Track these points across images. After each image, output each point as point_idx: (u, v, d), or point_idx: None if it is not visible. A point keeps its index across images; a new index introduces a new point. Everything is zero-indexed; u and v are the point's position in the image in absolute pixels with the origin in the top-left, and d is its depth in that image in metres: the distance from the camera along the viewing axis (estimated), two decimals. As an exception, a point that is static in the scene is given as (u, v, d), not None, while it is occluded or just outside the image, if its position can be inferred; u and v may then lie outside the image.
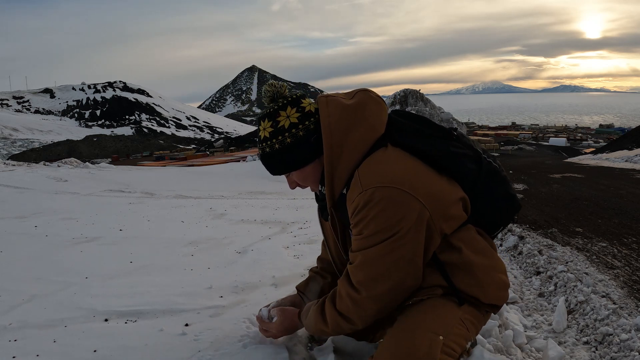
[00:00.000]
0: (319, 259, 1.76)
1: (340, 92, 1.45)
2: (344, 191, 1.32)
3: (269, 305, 1.64)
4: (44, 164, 10.65)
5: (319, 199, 1.53)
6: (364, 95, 1.37)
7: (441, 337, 1.19)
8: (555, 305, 2.45)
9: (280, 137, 1.33)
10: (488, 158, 1.42)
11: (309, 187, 1.46)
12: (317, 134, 1.33)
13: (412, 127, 1.36)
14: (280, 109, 1.35)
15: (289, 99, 1.37)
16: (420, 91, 21.23)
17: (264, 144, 1.37)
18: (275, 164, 1.38)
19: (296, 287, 1.76)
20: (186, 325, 1.77)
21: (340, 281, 1.33)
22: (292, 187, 1.46)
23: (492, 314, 1.43)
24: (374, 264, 1.22)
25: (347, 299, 1.28)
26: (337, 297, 1.33)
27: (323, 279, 1.69)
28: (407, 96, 20.73)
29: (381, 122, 1.34)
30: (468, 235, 1.31)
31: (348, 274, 1.29)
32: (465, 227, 1.32)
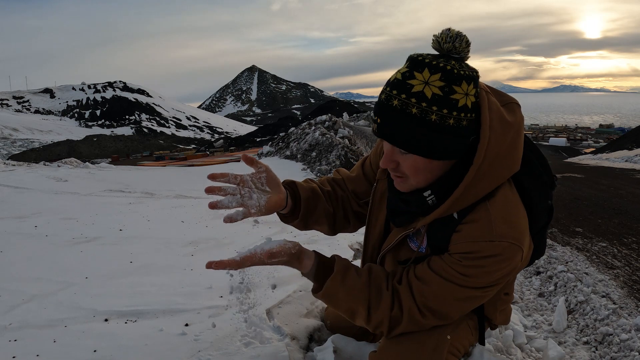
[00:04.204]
0: (329, 180, 1.49)
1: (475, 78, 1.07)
2: (455, 215, 1.12)
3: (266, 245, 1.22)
4: (44, 164, 10.61)
5: (399, 196, 1.19)
6: (521, 116, 1.14)
7: (449, 337, 1.20)
8: (555, 305, 2.45)
9: (445, 111, 1.01)
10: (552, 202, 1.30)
11: (395, 177, 1.14)
12: (475, 135, 1.06)
13: (538, 168, 1.21)
14: (465, 79, 1.02)
15: (474, 72, 1.05)
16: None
17: (413, 101, 1.01)
18: (413, 133, 1.02)
19: (288, 186, 1.37)
20: (186, 325, 1.77)
21: (402, 290, 1.15)
22: (386, 167, 1.12)
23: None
24: (456, 303, 1.12)
25: (406, 314, 1.14)
26: (395, 303, 1.15)
27: (329, 206, 1.43)
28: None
29: (521, 155, 1.13)
30: (512, 277, 1.32)
31: (412, 287, 1.14)
32: None
